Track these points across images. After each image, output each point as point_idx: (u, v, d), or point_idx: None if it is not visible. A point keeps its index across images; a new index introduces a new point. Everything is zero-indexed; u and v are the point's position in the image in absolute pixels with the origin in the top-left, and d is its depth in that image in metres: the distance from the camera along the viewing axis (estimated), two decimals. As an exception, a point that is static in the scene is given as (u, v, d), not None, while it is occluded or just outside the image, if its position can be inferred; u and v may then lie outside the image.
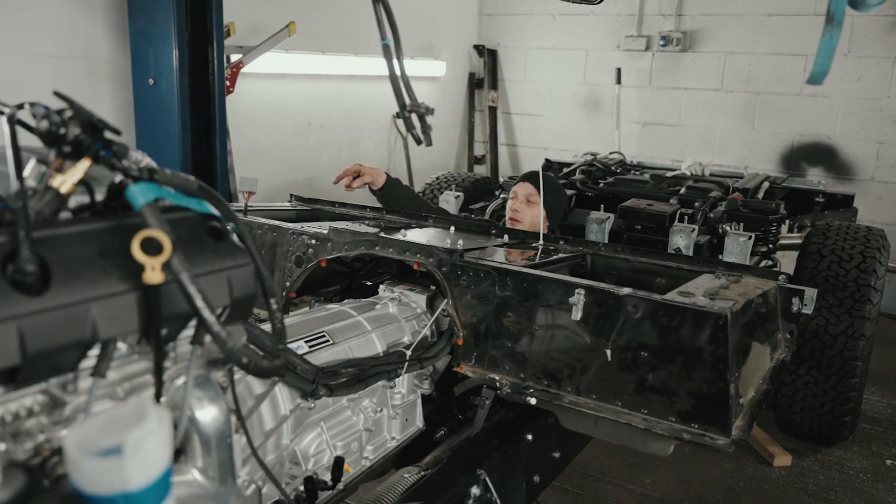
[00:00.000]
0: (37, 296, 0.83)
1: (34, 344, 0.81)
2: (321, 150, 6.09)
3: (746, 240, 3.06)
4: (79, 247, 0.90)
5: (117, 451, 0.64)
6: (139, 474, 0.65)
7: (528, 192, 3.28)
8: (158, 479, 0.67)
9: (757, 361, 2.12)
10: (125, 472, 0.64)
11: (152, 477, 0.66)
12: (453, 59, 7.38)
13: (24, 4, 3.91)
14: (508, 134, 7.67)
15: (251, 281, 1.09)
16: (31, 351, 0.80)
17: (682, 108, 6.57)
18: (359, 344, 1.91)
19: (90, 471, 0.64)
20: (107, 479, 0.64)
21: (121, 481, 0.64)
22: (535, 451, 2.08)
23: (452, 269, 2.11)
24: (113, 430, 0.66)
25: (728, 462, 3.51)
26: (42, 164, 0.97)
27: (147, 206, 0.94)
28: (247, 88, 5.18)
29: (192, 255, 1.00)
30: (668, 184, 4.45)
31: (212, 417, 1.11)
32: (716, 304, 1.84)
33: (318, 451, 1.73)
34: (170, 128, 4.16)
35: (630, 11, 6.67)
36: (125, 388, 1.02)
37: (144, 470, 0.65)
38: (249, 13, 5.09)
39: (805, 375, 3.43)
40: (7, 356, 0.79)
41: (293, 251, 2.46)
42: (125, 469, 0.64)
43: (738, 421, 1.86)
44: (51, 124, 0.93)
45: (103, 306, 0.89)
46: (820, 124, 6.01)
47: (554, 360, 1.98)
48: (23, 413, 0.89)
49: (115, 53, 4.35)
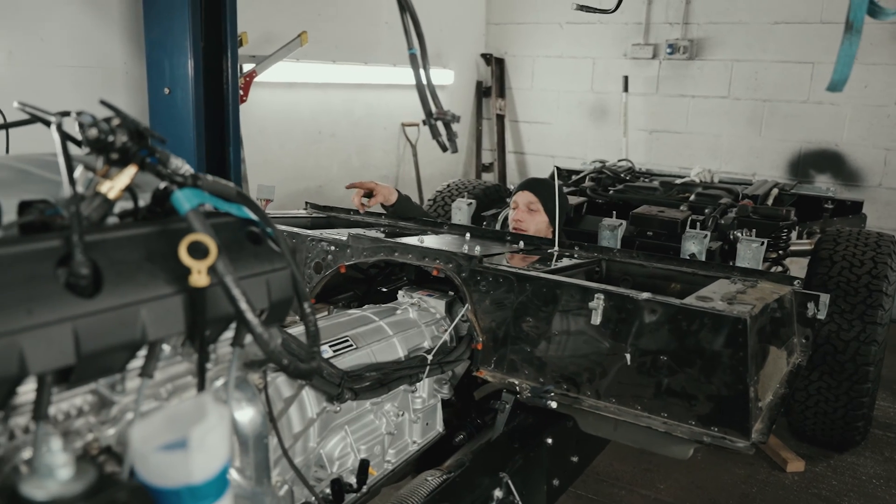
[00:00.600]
0: (90, 298, 0.85)
1: (88, 345, 0.83)
2: (331, 158, 6.12)
3: (759, 245, 3.08)
4: (127, 250, 0.93)
5: (182, 446, 0.66)
6: (202, 468, 0.67)
7: (529, 201, 3.30)
8: (220, 473, 0.69)
9: (774, 365, 2.13)
10: (190, 465, 0.66)
11: (214, 470, 0.68)
12: (461, 67, 7.42)
13: (41, 15, 3.96)
14: (516, 142, 7.71)
15: (288, 284, 1.11)
16: (85, 351, 0.83)
17: (690, 115, 6.60)
18: (381, 348, 1.93)
19: (156, 464, 0.66)
20: (172, 472, 0.66)
21: (185, 474, 0.66)
22: (555, 455, 2.10)
23: (471, 274, 2.13)
24: (176, 426, 0.68)
25: (741, 468, 3.52)
26: (89, 171, 1.00)
27: (192, 212, 0.96)
28: (258, 97, 5.22)
29: (233, 259, 1.02)
30: (677, 191, 4.47)
31: (249, 418, 1.13)
32: (734, 309, 1.86)
33: (342, 454, 1.75)
34: (184, 136, 4.20)
35: (637, 20, 6.70)
36: (168, 389, 1.04)
37: (207, 464, 0.68)
38: (261, 23, 5.14)
39: (818, 381, 3.45)
40: (63, 356, 0.81)
41: (312, 258, 2.48)
42: (190, 463, 0.66)
43: (758, 424, 1.87)
44: (100, 132, 0.95)
45: (152, 308, 0.91)
46: (827, 131, 6.04)
47: (573, 365, 2.00)
48: (73, 412, 0.91)
49: (131, 63, 4.40)
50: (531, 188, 3.34)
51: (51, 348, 0.79)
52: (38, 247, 0.85)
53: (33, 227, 0.92)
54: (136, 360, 0.94)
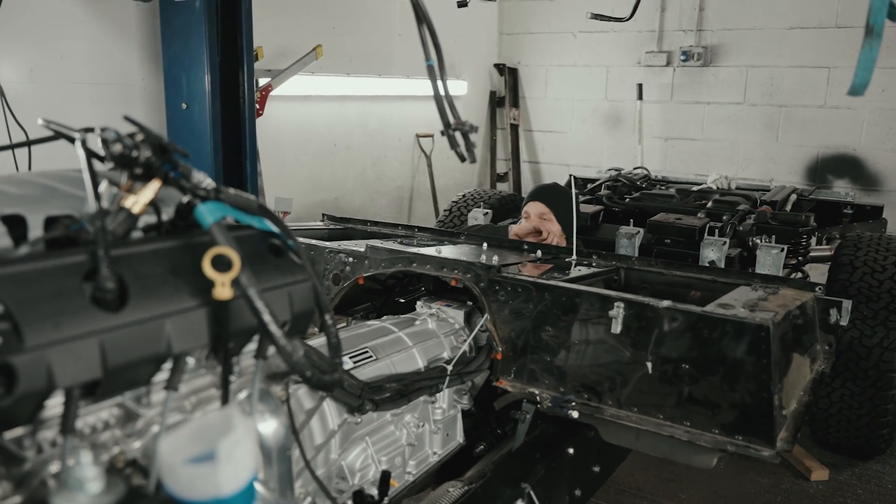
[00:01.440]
0: (116, 312, 0.85)
1: (114, 358, 0.83)
2: (347, 169, 6.15)
3: (779, 252, 3.06)
4: (152, 264, 0.93)
5: (210, 458, 0.66)
6: (230, 480, 0.67)
7: (541, 212, 3.28)
8: (247, 485, 0.69)
9: (798, 373, 2.11)
10: (217, 478, 0.66)
11: (242, 483, 0.68)
12: (474, 78, 7.44)
13: (61, 34, 4.01)
14: (530, 151, 7.70)
15: (310, 296, 1.12)
16: (112, 365, 0.83)
17: (705, 122, 6.57)
18: (401, 359, 1.93)
19: (184, 477, 0.66)
20: (200, 484, 0.66)
21: (213, 487, 0.66)
22: (577, 465, 2.09)
23: (490, 284, 2.13)
24: (204, 439, 0.68)
25: (765, 477, 3.48)
26: (113, 186, 1.01)
27: (216, 225, 0.96)
28: (274, 111, 5.25)
29: (255, 272, 1.03)
30: (694, 198, 4.46)
31: (273, 430, 1.13)
32: (757, 316, 1.85)
33: (363, 465, 1.75)
34: (202, 150, 4.24)
35: (650, 28, 6.70)
36: (192, 402, 1.04)
37: (235, 476, 0.68)
38: (276, 37, 5.18)
39: (840, 388, 3.41)
40: (90, 370, 0.81)
41: (330, 269, 2.49)
42: (218, 475, 0.66)
43: (783, 432, 1.85)
44: (124, 147, 0.96)
45: (177, 322, 0.91)
46: (845, 136, 5.99)
47: (594, 374, 1.99)
48: (99, 426, 0.92)
49: (149, 79, 4.45)
50: (542, 198, 3.33)
51: (78, 362, 0.79)
52: (65, 262, 0.85)
53: (59, 243, 0.93)
54: (161, 374, 0.95)
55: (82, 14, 4.10)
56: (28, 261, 0.83)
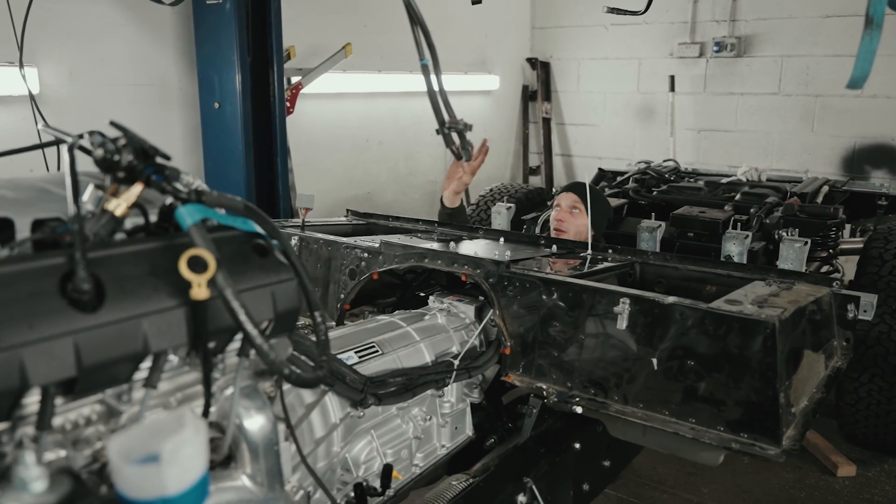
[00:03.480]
0: (92, 312, 0.89)
1: (89, 357, 0.87)
2: (379, 165, 6.20)
3: (802, 245, 3.01)
4: (131, 266, 0.97)
5: (156, 459, 0.69)
6: (176, 480, 0.70)
7: (572, 202, 3.29)
8: (195, 484, 0.72)
9: (810, 370, 2.09)
10: (163, 478, 0.69)
11: (189, 483, 0.71)
12: (507, 72, 7.43)
13: (100, 37, 4.12)
14: (563, 144, 7.67)
15: (294, 295, 1.15)
16: (86, 364, 0.87)
17: (739, 113, 6.47)
18: (407, 354, 1.96)
19: (131, 477, 0.69)
20: (146, 485, 0.69)
21: (159, 487, 0.69)
22: (584, 460, 2.09)
23: (499, 279, 2.15)
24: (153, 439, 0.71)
25: (790, 472, 3.44)
26: (99, 189, 1.05)
27: (194, 227, 1.00)
28: (308, 108, 5.32)
29: (237, 272, 1.06)
30: (723, 190, 4.40)
31: (259, 426, 1.16)
32: (763, 312, 1.83)
33: (368, 458, 1.78)
34: (234, 148, 4.33)
35: (683, 19, 6.61)
36: (178, 398, 1.08)
37: (181, 476, 0.71)
38: (309, 37, 5.24)
39: (868, 383, 3.35)
40: (64, 369, 0.85)
41: (347, 264, 2.53)
42: (163, 475, 0.69)
43: (790, 430, 1.83)
44: (106, 152, 1.00)
45: (153, 321, 0.95)
46: (882, 125, 5.85)
47: (600, 369, 1.99)
48: (81, 422, 0.96)
49: (185, 80, 4.55)
50: (576, 190, 3.34)
51: (52, 361, 0.83)
52: (43, 264, 0.89)
53: (44, 244, 0.97)
54: (142, 372, 0.98)
55: (120, 17, 4.20)
56: (8, 263, 0.87)
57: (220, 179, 4.46)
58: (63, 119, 3.64)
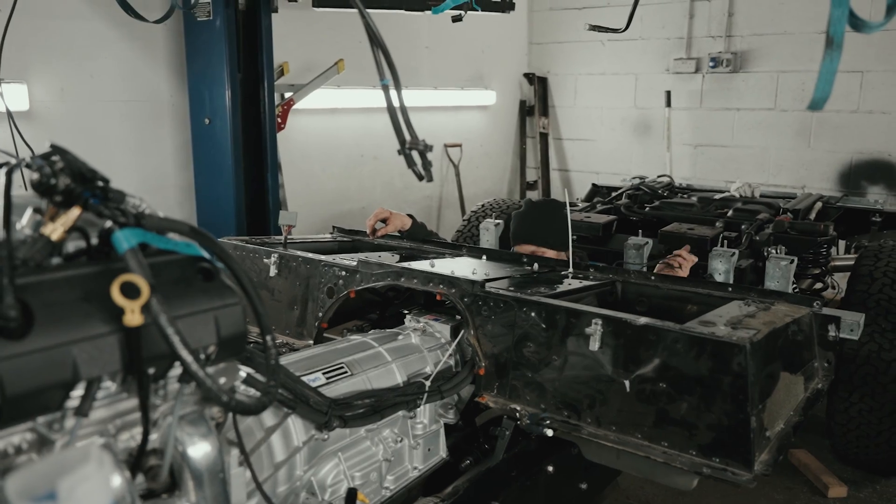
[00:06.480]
0: (18, 339, 0.88)
1: (13, 386, 0.85)
2: (374, 179, 6.20)
3: (788, 263, 2.98)
4: (64, 291, 0.96)
5: (52, 497, 0.67)
6: (75, 519, 0.68)
7: (531, 252, 3.00)
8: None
9: (787, 392, 2.06)
10: (60, 517, 0.67)
11: (88, 521, 0.69)
12: (504, 87, 7.44)
13: (91, 54, 4.14)
14: (560, 159, 7.66)
15: (240, 319, 1.13)
16: (10, 393, 0.85)
17: (735, 128, 6.46)
18: (378, 375, 1.94)
19: (27, 517, 0.68)
20: (44, 524, 0.68)
21: (57, 526, 0.68)
22: (560, 483, 2.07)
23: (474, 299, 2.13)
24: (53, 476, 0.70)
25: (780, 493, 3.40)
26: (38, 213, 1.04)
27: (129, 251, 0.98)
28: (301, 124, 5.32)
29: (177, 297, 1.04)
30: (715, 206, 4.38)
31: (203, 453, 1.14)
32: (735, 334, 1.81)
33: (335, 481, 1.75)
34: (224, 163, 4.33)
35: (679, 35, 6.62)
36: (116, 425, 1.06)
37: (79, 514, 0.69)
38: (303, 53, 5.25)
39: (859, 403, 3.31)
40: (-12, 397, 0.84)
41: (325, 283, 2.51)
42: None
43: (763, 455, 1.81)
44: (42, 175, 0.99)
45: (84, 348, 0.93)
46: (879, 141, 5.83)
47: (573, 391, 1.97)
48: (11, 451, 0.94)
49: (176, 96, 4.56)
50: (525, 239, 3.07)
51: (-28, 390, 0.82)
52: (-31, 291, 0.88)
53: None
54: (74, 400, 0.97)
55: (111, 34, 4.21)
56: (-71, 291, 0.85)
57: (210, 195, 4.46)
58: (54, 135, 3.64)
